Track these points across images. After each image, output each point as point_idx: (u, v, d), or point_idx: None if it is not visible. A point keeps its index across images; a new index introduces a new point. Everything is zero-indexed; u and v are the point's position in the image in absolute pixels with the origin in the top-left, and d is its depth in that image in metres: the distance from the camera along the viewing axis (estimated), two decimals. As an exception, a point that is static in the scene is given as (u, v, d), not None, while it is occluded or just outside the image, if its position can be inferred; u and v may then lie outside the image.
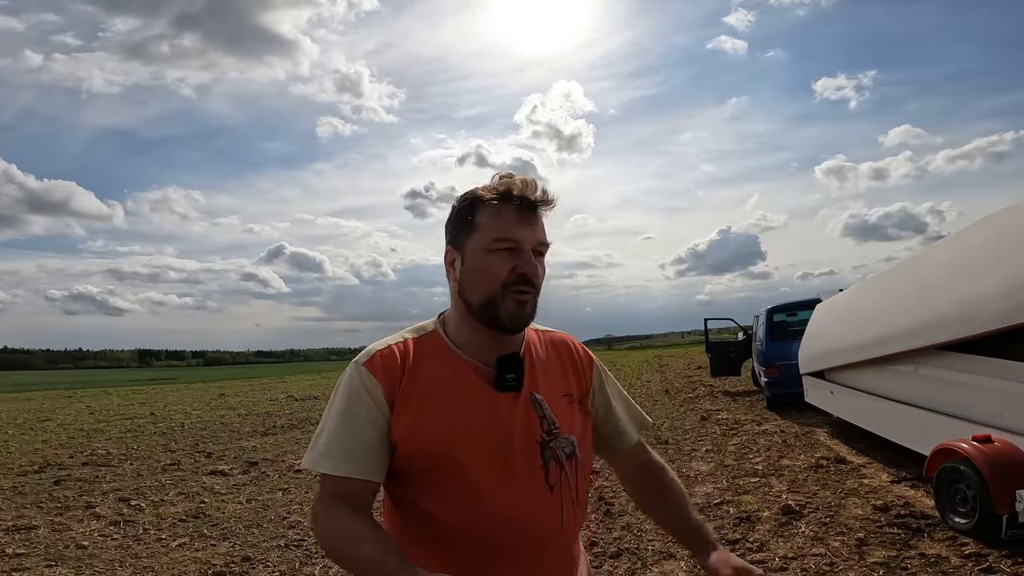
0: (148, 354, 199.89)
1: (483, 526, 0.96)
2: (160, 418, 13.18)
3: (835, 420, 7.52)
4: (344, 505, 0.95)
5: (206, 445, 8.91)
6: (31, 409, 16.40)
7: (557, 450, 1.03)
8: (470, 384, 1.00)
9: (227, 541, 4.24)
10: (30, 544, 4.19)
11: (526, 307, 1.00)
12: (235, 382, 30.78)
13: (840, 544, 3.52)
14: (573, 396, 1.10)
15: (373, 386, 0.98)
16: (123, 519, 4.88)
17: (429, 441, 0.96)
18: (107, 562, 3.80)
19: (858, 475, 5.16)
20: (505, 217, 0.99)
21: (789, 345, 8.83)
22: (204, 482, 6.34)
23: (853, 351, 5.98)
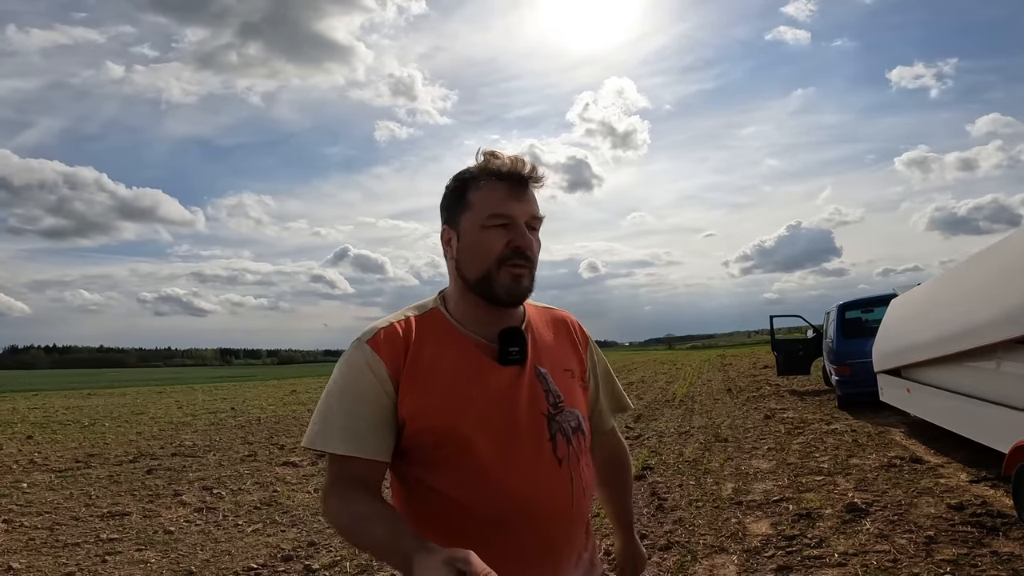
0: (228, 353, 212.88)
1: (492, 501, 0.95)
2: (239, 413, 14.07)
3: (912, 419, 7.11)
4: (353, 486, 0.94)
5: (279, 438, 9.45)
6: (125, 404, 17.86)
7: (563, 423, 1.02)
8: (474, 359, 1.00)
9: (295, 528, 4.52)
10: (123, 529, 4.61)
11: (522, 280, 1.00)
12: (305, 379, 32.30)
13: (907, 541, 3.37)
14: (574, 372, 1.10)
15: (377, 364, 0.97)
16: (206, 506, 5.28)
17: (436, 418, 0.96)
18: (190, 546, 4.14)
19: (934, 475, 4.87)
20: (498, 193, 1.00)
21: (862, 342, 8.46)
22: (277, 472, 6.75)
23: (932, 347, 5.62)
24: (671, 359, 32.97)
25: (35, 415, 14.71)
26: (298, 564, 3.67)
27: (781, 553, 3.41)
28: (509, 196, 1.00)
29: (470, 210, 1.01)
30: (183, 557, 3.89)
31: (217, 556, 3.88)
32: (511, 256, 0.99)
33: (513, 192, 1.00)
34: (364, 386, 0.96)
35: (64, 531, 4.57)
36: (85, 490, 6.03)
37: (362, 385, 0.96)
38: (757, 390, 12.77)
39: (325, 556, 3.79)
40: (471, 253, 1.01)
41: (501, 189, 1.00)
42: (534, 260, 1.02)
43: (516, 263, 0.99)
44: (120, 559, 3.85)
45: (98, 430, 11.28)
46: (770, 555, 3.40)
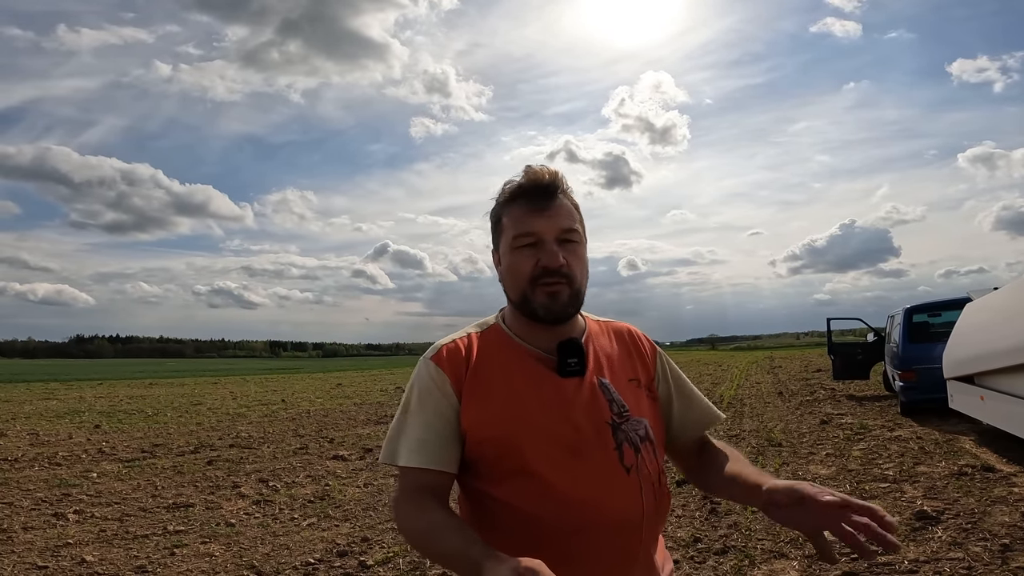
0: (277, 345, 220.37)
1: (557, 510, 0.95)
2: (289, 405, 14.53)
3: (984, 428, 6.73)
4: (423, 497, 0.96)
5: (328, 432, 9.71)
6: (184, 394, 18.72)
7: (630, 432, 1.01)
8: (533, 371, 1.01)
9: (348, 522, 4.61)
10: (188, 521, 4.79)
11: (559, 296, 0.99)
12: (349, 373, 33.12)
13: (982, 549, 3.24)
14: (640, 381, 1.09)
15: (441, 379, 1.00)
16: (263, 499, 5.46)
17: (496, 429, 0.97)
18: (251, 539, 4.27)
19: (1007, 483, 4.60)
20: (521, 213, 1.00)
21: (930, 348, 8.13)
22: (328, 466, 6.92)
23: (1011, 354, 5.30)
24: (715, 360, 32.26)
25: (101, 404, 15.56)
26: (352, 560, 3.74)
27: (845, 559, 3.27)
28: (532, 213, 1.00)
29: (503, 233, 1.04)
30: (245, 551, 4.01)
31: (276, 550, 3.99)
32: (541, 276, 0.99)
33: (536, 209, 1.00)
34: (430, 401, 1.00)
35: (133, 522, 4.79)
36: (151, 480, 6.33)
37: (428, 400, 1.00)
38: (811, 394, 12.33)
39: (378, 552, 3.85)
40: (508, 276, 1.04)
41: (524, 208, 1.00)
42: (572, 275, 1.00)
43: (548, 281, 0.99)
44: (187, 552, 4.00)
45: (160, 420, 11.84)
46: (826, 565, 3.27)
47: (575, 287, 1.01)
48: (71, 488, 5.99)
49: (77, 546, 4.18)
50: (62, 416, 12.66)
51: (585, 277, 1.04)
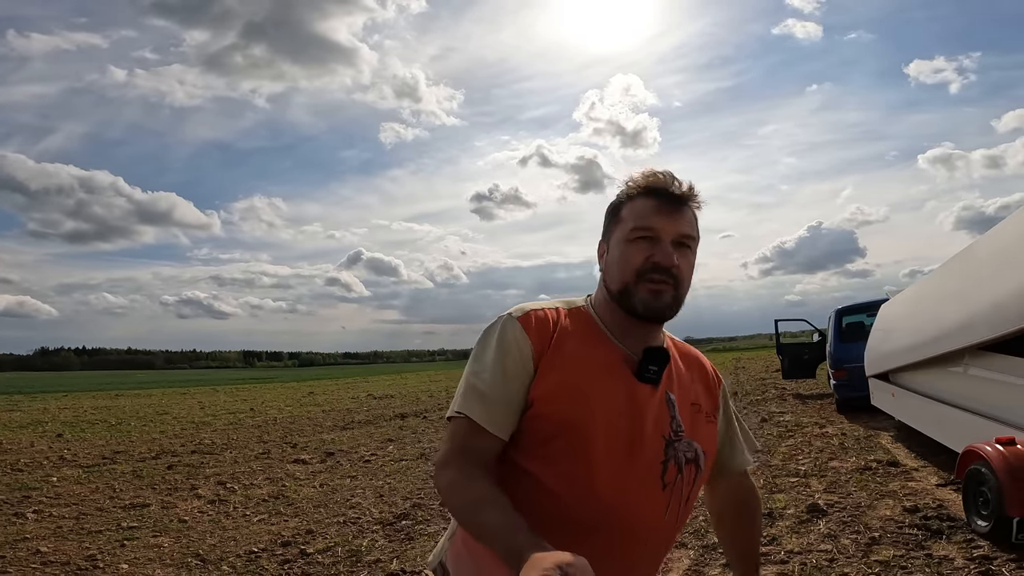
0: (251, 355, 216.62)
1: (590, 504, 0.95)
2: (257, 413, 14.61)
3: (901, 424, 7.25)
4: (474, 461, 0.94)
5: (293, 437, 9.91)
6: (151, 404, 18.59)
7: (679, 452, 1.02)
8: (614, 366, 1.01)
9: (297, 518, 4.89)
10: (142, 519, 5.03)
11: (662, 296, 0.99)
12: (323, 382, 33.02)
13: (850, 542, 3.58)
14: (701, 407, 1.10)
15: (525, 343, 0.98)
16: (219, 499, 5.70)
17: (563, 408, 0.96)
18: (200, 533, 4.54)
19: (905, 478, 5.06)
20: (646, 208, 1.00)
21: (860, 347, 8.54)
22: (287, 469, 7.15)
23: (909, 352, 5.81)
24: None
25: (65, 415, 15.45)
26: (294, 549, 4.03)
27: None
28: (656, 211, 1.00)
29: (620, 224, 1.04)
30: (193, 542, 4.28)
31: (223, 542, 4.26)
32: (650, 270, 0.99)
33: (662, 207, 1.00)
34: (509, 361, 0.98)
35: (89, 520, 5.01)
36: (110, 484, 6.50)
37: (508, 360, 0.98)
38: (762, 393, 12.90)
39: (320, 542, 4.15)
40: (614, 265, 1.03)
41: (650, 203, 1.01)
42: (680, 278, 1.01)
43: (655, 278, 0.99)
44: (137, 544, 4.26)
45: (124, 429, 11.88)
46: (723, 552, 3.64)
47: (680, 291, 1.02)
48: (31, 491, 6.14)
49: (34, 540, 4.40)
50: (25, 427, 12.60)
51: (689, 286, 1.04)
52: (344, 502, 5.37)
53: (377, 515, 4.84)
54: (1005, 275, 3.67)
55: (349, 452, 8.22)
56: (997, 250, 4.02)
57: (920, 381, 5.68)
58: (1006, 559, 3.10)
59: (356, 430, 10.67)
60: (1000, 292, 3.68)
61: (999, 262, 3.86)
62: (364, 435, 9.92)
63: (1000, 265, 3.82)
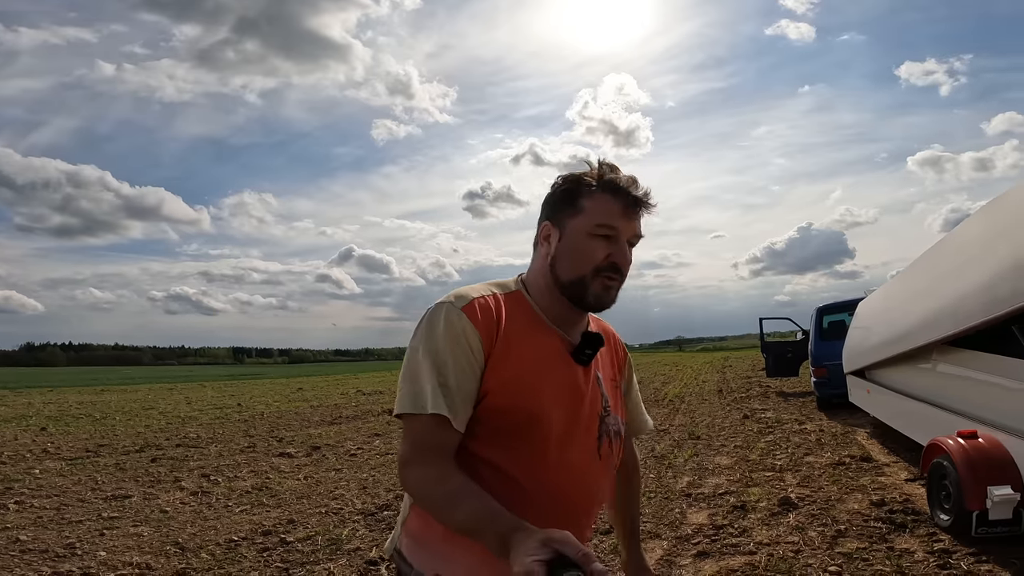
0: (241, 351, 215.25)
1: (543, 482, 1.01)
2: (245, 408, 14.57)
3: (876, 420, 7.39)
4: (438, 456, 0.95)
5: (279, 432, 9.91)
6: (136, 399, 18.47)
7: (609, 426, 1.12)
8: (556, 351, 1.06)
9: (279, 509, 4.93)
10: (123, 509, 5.05)
11: (611, 291, 1.06)
12: (313, 379, 32.85)
13: (817, 534, 3.67)
14: (617, 383, 1.20)
15: (472, 334, 0.98)
16: (201, 491, 5.72)
17: (518, 398, 0.99)
18: (181, 523, 4.57)
19: (876, 473, 5.18)
20: (611, 207, 1.03)
21: (839, 345, 8.69)
22: (273, 462, 7.18)
23: (881, 348, 5.94)
24: (676, 361, 33.15)
25: (49, 409, 15.33)
26: (275, 538, 4.08)
27: (706, 540, 3.72)
28: (622, 213, 1.04)
29: (580, 215, 1.04)
30: (173, 531, 4.32)
31: (203, 531, 4.30)
32: (607, 269, 1.04)
33: (626, 209, 1.04)
34: (459, 354, 0.97)
35: (69, 510, 5.02)
36: (92, 476, 6.50)
37: (457, 353, 0.97)
38: (746, 391, 13.05)
39: (301, 531, 4.21)
40: (570, 256, 1.05)
41: (617, 203, 1.03)
42: (625, 276, 1.08)
43: (610, 275, 1.05)
44: (117, 533, 4.29)
45: (108, 423, 11.81)
46: (696, 542, 3.73)
47: (621, 286, 1.09)
48: (13, 483, 6.14)
49: (14, 529, 4.43)
50: (9, 421, 12.50)
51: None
52: (327, 494, 5.41)
53: (359, 506, 4.89)
54: (968, 271, 3.78)
55: (335, 446, 8.25)
56: (961, 247, 4.14)
57: (892, 377, 5.81)
58: (965, 552, 3.19)
59: (343, 425, 10.69)
60: (963, 288, 3.79)
61: (963, 259, 3.97)
62: (351, 430, 9.95)
63: (963, 262, 3.94)
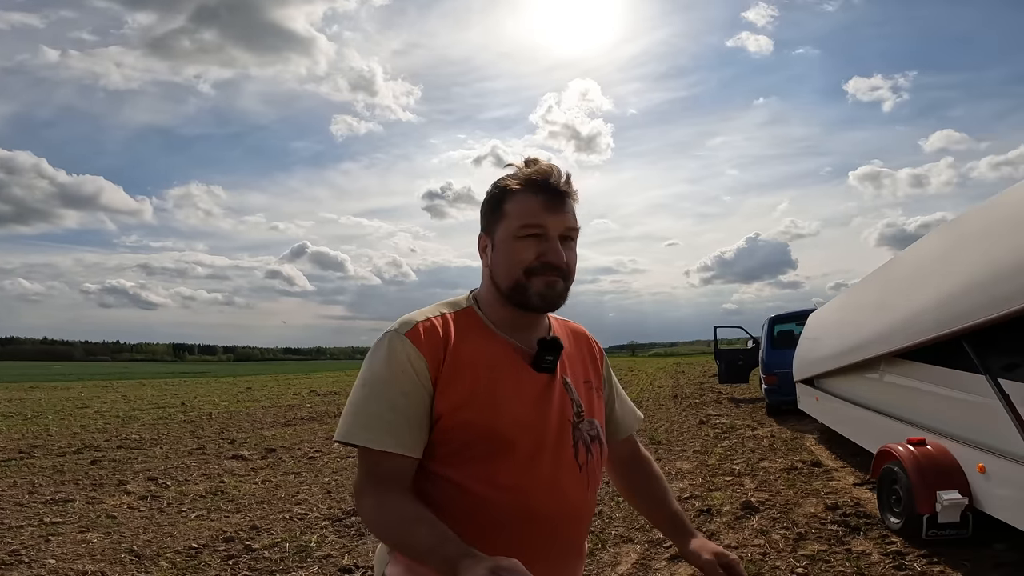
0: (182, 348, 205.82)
1: (517, 499, 0.97)
2: (190, 408, 13.95)
3: (823, 427, 7.75)
4: (389, 484, 0.93)
5: (230, 433, 9.54)
6: (69, 397, 17.41)
7: (584, 432, 1.07)
8: (512, 363, 1.02)
9: (239, 514, 4.75)
10: (66, 514, 4.75)
11: (555, 285, 1.01)
12: (262, 377, 31.77)
13: (780, 537, 3.84)
14: (592, 384, 1.14)
15: (417, 359, 0.96)
16: (150, 495, 5.45)
17: (475, 415, 0.96)
18: (133, 529, 4.34)
19: (827, 477, 5.43)
20: (531, 204, 1.00)
21: (789, 354, 9.03)
22: (225, 465, 6.90)
23: (832, 359, 6.23)
24: (631, 366, 33.82)
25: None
26: (238, 545, 3.93)
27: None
28: (543, 207, 1.00)
29: (504, 220, 1.02)
30: (125, 538, 4.09)
31: (159, 537, 4.10)
32: (541, 268, 1.00)
33: (548, 203, 1.00)
34: (404, 380, 0.95)
35: (8, 515, 4.69)
36: (28, 479, 6.09)
37: (402, 379, 0.95)
38: (700, 397, 13.44)
39: (266, 538, 4.06)
40: (503, 263, 1.02)
41: (536, 200, 1.00)
42: (567, 271, 1.03)
43: (547, 274, 1.01)
44: (63, 539, 4.03)
45: (41, 422, 11.10)
46: (668, 545, 3.81)
47: (568, 283, 1.04)
48: (-63, 487, 5.68)
49: (-56, 538, 4.09)
50: (-76, 417, 11.57)
51: (574, 276, 1.07)
52: (289, 498, 5.25)
53: (325, 511, 4.77)
54: (923, 289, 4.02)
55: (292, 449, 8.01)
56: (915, 266, 4.40)
57: (840, 386, 6.11)
58: (918, 554, 3.39)
59: (299, 427, 10.39)
60: (918, 304, 4.03)
61: (917, 277, 4.22)
62: (307, 432, 9.68)
63: (918, 280, 4.19)
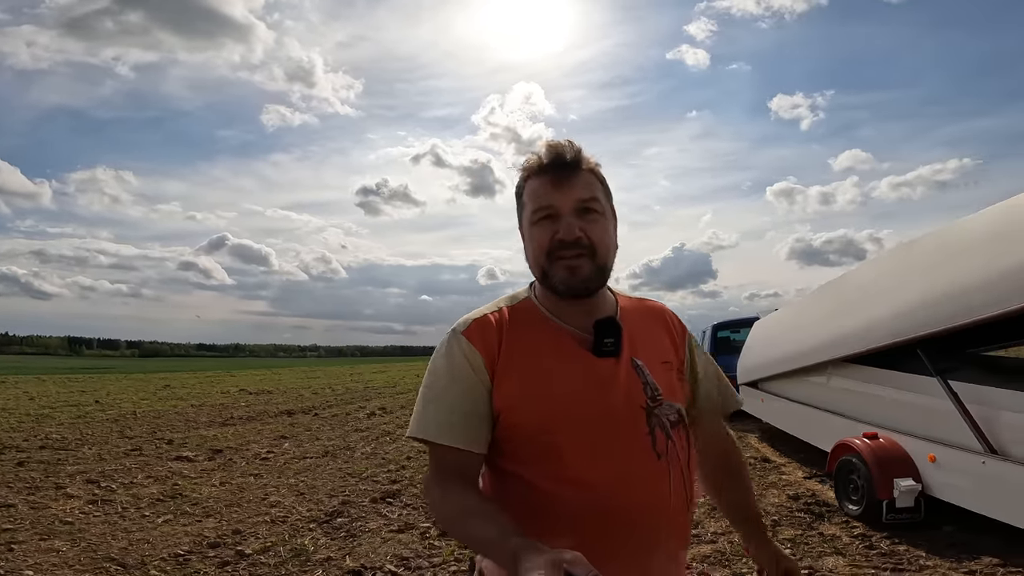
0: (78, 342, 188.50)
1: (585, 493, 0.92)
2: (107, 406, 12.95)
3: (765, 427, 8.36)
4: (454, 477, 0.93)
5: (164, 433, 8.99)
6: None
7: (662, 417, 0.98)
8: (568, 350, 0.98)
9: (211, 518, 4.53)
10: (15, 520, 4.35)
11: (578, 270, 0.97)
12: (178, 374, 29.93)
13: (758, 524, 4.17)
14: (672, 364, 1.06)
15: (473, 355, 0.96)
16: (99, 499, 5.07)
17: (531, 409, 0.94)
18: (99, 535, 4.04)
19: (778, 472, 5.90)
20: (539, 187, 0.99)
21: (732, 359, 9.66)
22: (171, 467, 6.52)
23: (781, 363, 6.76)
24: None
25: None
26: (227, 550, 3.76)
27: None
28: (550, 186, 0.98)
29: (524, 209, 1.02)
30: (95, 546, 3.81)
31: (135, 544, 3.85)
32: (559, 248, 0.97)
33: (554, 181, 0.98)
34: (461, 377, 0.96)
35: (-59, 524, 4.23)
36: (-52, 484, 5.50)
37: (459, 376, 0.96)
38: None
39: (255, 542, 3.91)
40: (529, 251, 1.02)
41: (543, 181, 0.99)
42: (592, 246, 0.97)
43: (565, 254, 0.97)
44: (27, 547, 3.70)
45: (-63, 421, 9.94)
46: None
47: (598, 261, 0.98)
48: None
49: None
50: None
51: (611, 250, 1.01)
52: (260, 501, 5.05)
53: (306, 513, 4.64)
54: (880, 301, 4.50)
55: (239, 449, 7.67)
56: (868, 282, 4.90)
57: (788, 388, 6.64)
58: (881, 536, 3.79)
59: (239, 427, 9.92)
60: (873, 315, 4.50)
61: (872, 291, 4.71)
62: (251, 432, 9.27)
63: (872, 294, 4.67)
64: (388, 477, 5.93)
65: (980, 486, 3.30)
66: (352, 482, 5.73)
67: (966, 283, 3.58)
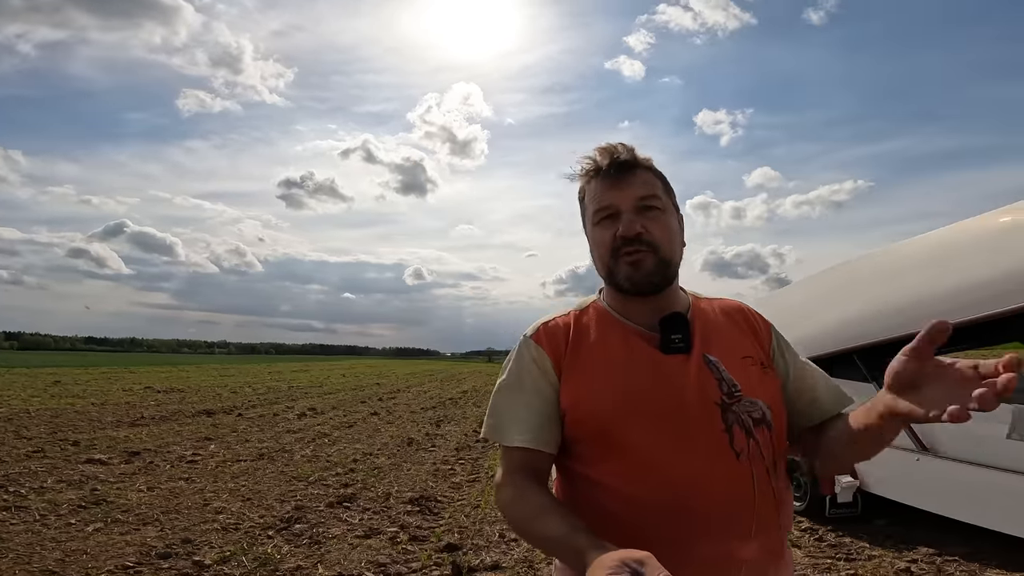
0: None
1: (657, 493, 0.89)
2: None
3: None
4: (525, 478, 0.94)
5: (66, 434, 8.17)
6: None
7: (741, 414, 0.93)
8: (635, 348, 0.98)
9: (149, 526, 4.16)
10: (-90, 530, 3.81)
11: (641, 264, 0.98)
12: (68, 369, 27.25)
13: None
14: (754, 358, 1.00)
15: (541, 357, 0.99)
16: (12, 505, 4.54)
17: (597, 408, 0.94)
18: (26, 546, 3.60)
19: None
20: (597, 188, 1.02)
21: None
22: (83, 470, 5.95)
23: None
24: (494, 372, 34.72)
25: None
26: (181, 560, 3.47)
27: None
28: (608, 187, 1.00)
29: (586, 212, 1.06)
30: (27, 557, 3.40)
31: (71, 555, 3.46)
32: (622, 246, 0.98)
33: (611, 182, 1.00)
34: (529, 379, 0.99)
35: None
36: None
37: (528, 378, 0.99)
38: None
39: (210, 552, 3.63)
40: (594, 253, 1.05)
41: (603, 183, 1.02)
42: (655, 242, 0.98)
43: (628, 251, 0.98)
44: (-60, 564, 3.24)
45: None
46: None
47: (662, 256, 0.98)
48: None
49: None
50: None
51: (676, 246, 1.02)
52: (202, 507, 4.70)
53: (259, 520, 4.36)
54: (821, 313, 4.91)
55: (158, 452, 7.10)
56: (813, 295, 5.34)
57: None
58: (827, 530, 4.13)
59: (152, 427, 9.17)
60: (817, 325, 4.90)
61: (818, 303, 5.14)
62: (168, 433, 8.61)
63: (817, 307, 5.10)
64: (338, 481, 5.71)
65: (915, 482, 3.69)
66: (300, 486, 5.47)
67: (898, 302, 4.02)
